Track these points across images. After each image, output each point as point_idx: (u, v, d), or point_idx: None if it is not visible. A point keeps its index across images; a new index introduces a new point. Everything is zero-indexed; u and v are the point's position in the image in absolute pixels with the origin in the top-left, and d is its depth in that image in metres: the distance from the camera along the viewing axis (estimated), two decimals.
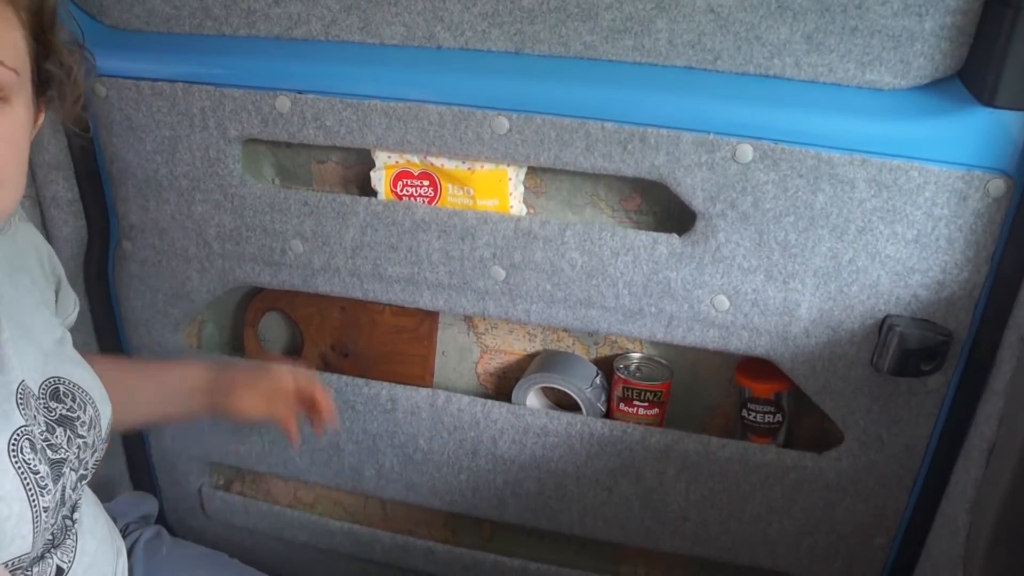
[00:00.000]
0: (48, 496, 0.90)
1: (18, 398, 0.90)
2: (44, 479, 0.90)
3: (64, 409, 0.97)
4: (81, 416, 0.99)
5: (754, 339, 1.23)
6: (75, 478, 0.97)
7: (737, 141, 1.12)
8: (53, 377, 0.98)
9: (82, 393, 1.01)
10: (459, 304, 1.32)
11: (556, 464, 1.39)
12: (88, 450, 0.99)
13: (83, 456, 0.98)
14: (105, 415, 1.04)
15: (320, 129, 1.25)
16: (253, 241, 1.36)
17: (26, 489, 0.87)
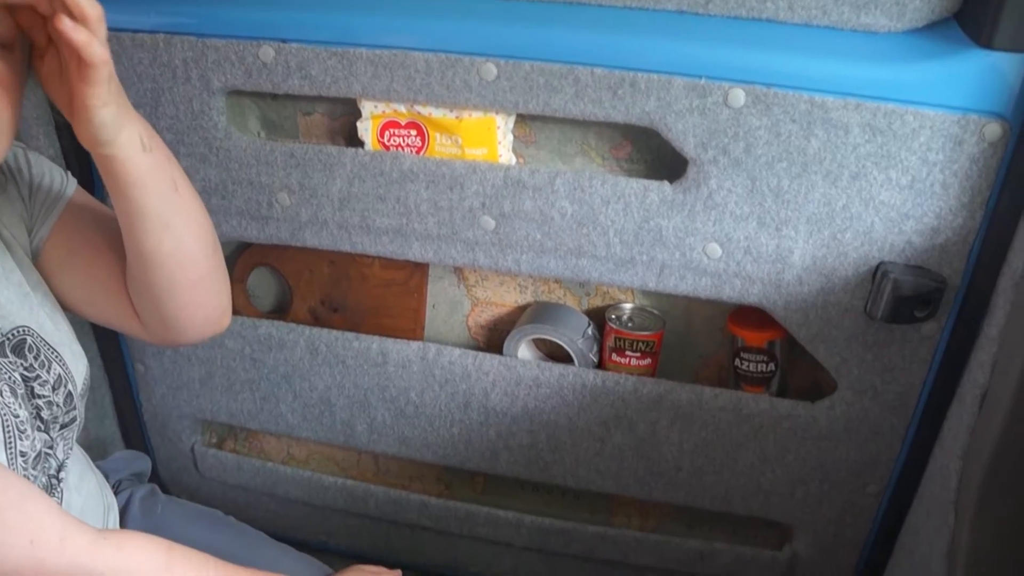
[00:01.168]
0: (27, 442, 0.89)
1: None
2: (24, 424, 0.89)
3: (23, 367, 0.94)
4: (42, 375, 0.96)
5: (746, 287, 1.22)
6: (48, 438, 0.95)
7: (729, 86, 1.10)
8: (20, 328, 0.95)
9: (48, 350, 0.98)
10: (449, 255, 1.30)
11: (548, 416, 1.38)
12: (57, 409, 0.97)
13: (48, 415, 0.96)
14: (79, 369, 1.02)
15: (305, 79, 1.23)
16: (239, 195, 1.34)
17: (4, 430, 0.86)
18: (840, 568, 1.42)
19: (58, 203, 1.04)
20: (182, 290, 1.03)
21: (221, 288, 1.10)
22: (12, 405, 0.88)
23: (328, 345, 1.43)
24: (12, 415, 0.87)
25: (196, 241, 1.02)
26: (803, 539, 1.41)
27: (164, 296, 1.03)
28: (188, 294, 1.04)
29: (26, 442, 0.89)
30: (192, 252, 1.02)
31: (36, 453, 0.91)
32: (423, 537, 1.61)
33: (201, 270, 1.04)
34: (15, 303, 0.95)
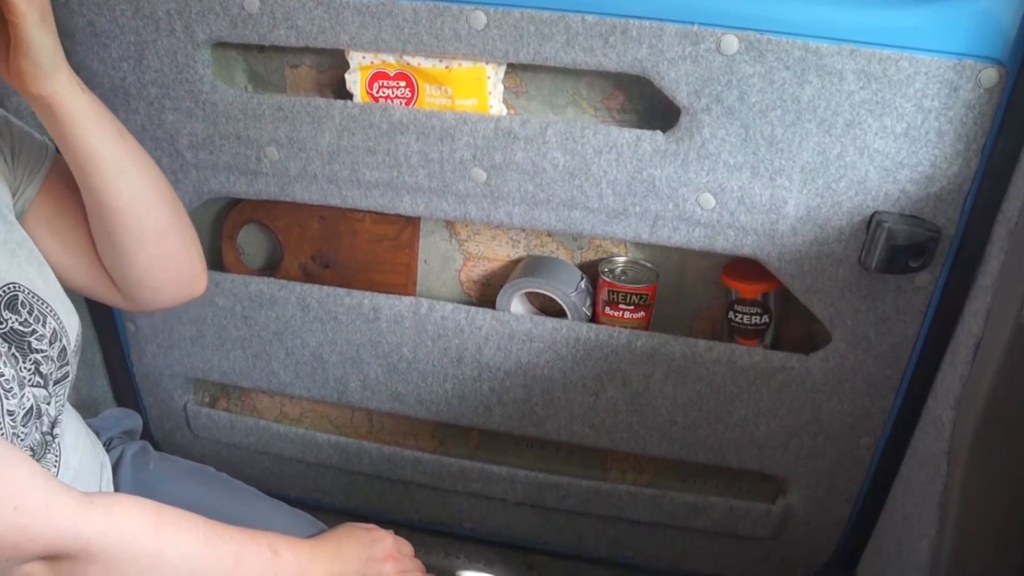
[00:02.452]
0: (14, 400, 0.88)
1: None
2: (9, 382, 0.88)
3: (17, 322, 0.94)
4: (37, 330, 0.95)
5: (740, 238, 1.21)
6: (45, 394, 0.95)
7: (722, 32, 1.08)
8: (9, 284, 0.95)
9: (41, 304, 0.97)
10: (440, 208, 1.29)
11: (542, 370, 1.38)
12: (52, 363, 0.97)
13: (46, 370, 0.96)
14: (71, 327, 1.01)
15: (291, 29, 1.21)
16: (227, 149, 1.32)
17: None
18: (833, 520, 1.42)
19: (42, 166, 1.06)
20: (150, 241, 1.06)
21: (190, 244, 1.13)
22: None
23: (319, 301, 1.42)
24: None
25: (154, 189, 1.06)
26: (796, 492, 1.41)
27: (133, 249, 1.06)
28: (156, 246, 1.08)
29: (13, 401, 0.88)
30: (152, 200, 1.06)
31: (26, 411, 0.90)
32: (417, 493, 1.61)
33: (166, 219, 1.08)
34: (2, 260, 0.94)
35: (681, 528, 1.51)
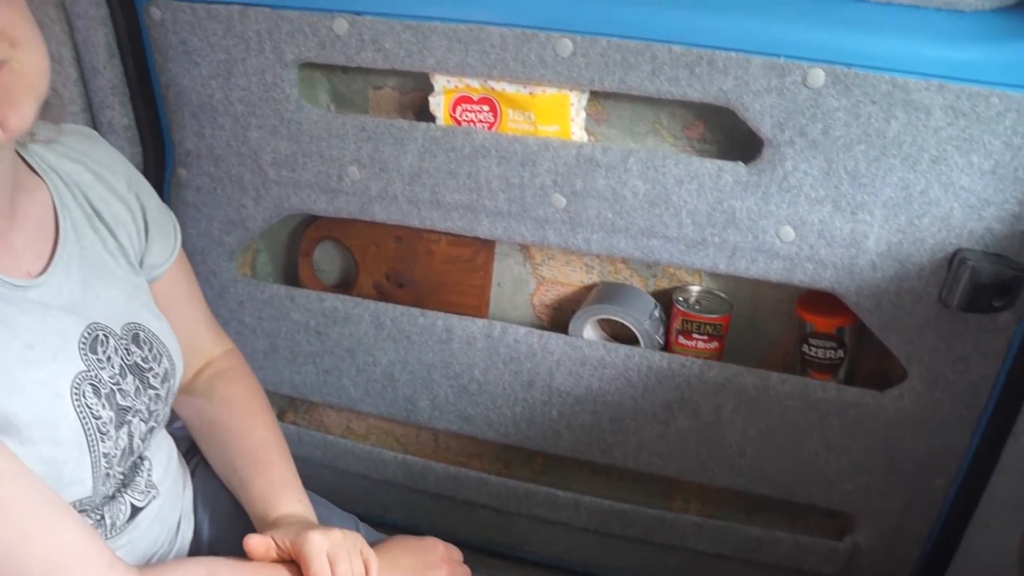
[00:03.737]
0: (109, 442, 0.89)
1: (82, 340, 0.90)
2: (106, 425, 0.89)
3: (139, 357, 0.97)
4: (155, 368, 0.99)
5: (819, 272, 1.20)
6: (144, 429, 0.97)
7: (808, 65, 1.08)
8: (134, 322, 0.98)
9: (159, 344, 1.01)
10: (518, 232, 1.30)
11: (612, 397, 1.38)
12: (160, 403, 1.00)
13: (154, 408, 0.99)
14: (179, 370, 1.05)
15: (378, 52, 1.23)
16: (309, 167, 1.35)
17: (86, 434, 0.87)
18: (902, 561, 1.40)
19: (165, 262, 1.12)
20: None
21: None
22: (95, 406, 0.89)
23: (393, 320, 1.44)
24: (93, 417, 0.88)
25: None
26: (865, 530, 1.39)
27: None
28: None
29: (108, 443, 0.90)
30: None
31: (121, 451, 0.92)
32: (480, 514, 1.61)
33: None
34: (121, 301, 0.99)
35: (744, 561, 1.49)
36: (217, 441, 1.17)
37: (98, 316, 0.94)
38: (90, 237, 0.99)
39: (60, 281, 0.92)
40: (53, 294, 0.90)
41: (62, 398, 0.86)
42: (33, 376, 0.83)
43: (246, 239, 1.47)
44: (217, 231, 1.47)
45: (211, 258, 1.50)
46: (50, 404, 0.84)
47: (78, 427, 0.86)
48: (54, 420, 0.84)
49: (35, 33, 0.81)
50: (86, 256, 0.97)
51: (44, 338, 0.86)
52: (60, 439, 0.84)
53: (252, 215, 1.43)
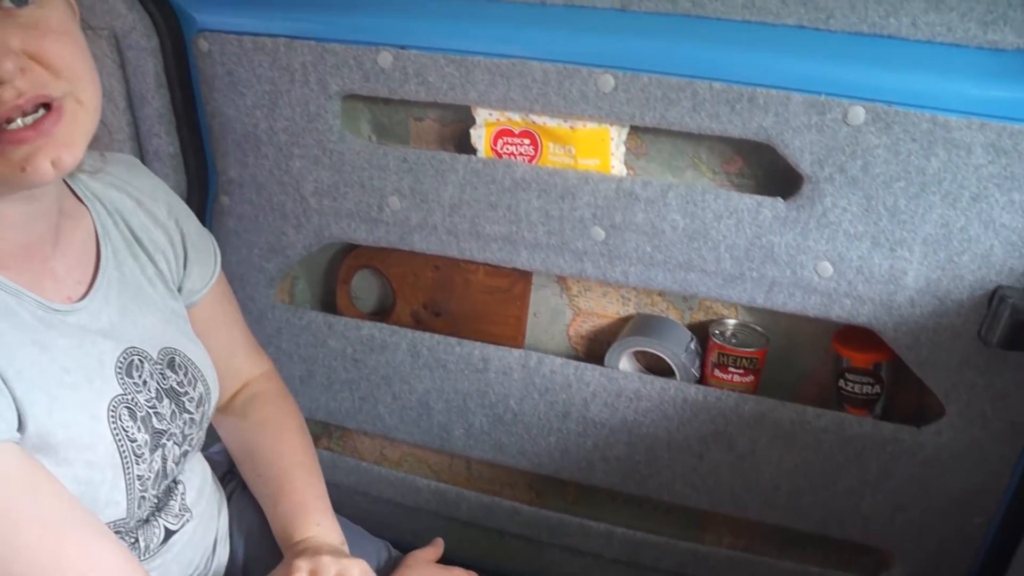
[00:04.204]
0: (144, 465, 0.91)
1: (119, 364, 0.92)
2: (141, 448, 0.91)
3: (175, 381, 0.99)
4: (190, 392, 1.01)
5: (857, 307, 1.20)
6: (178, 452, 0.98)
7: (849, 103, 1.09)
8: (170, 347, 1.00)
9: (195, 368, 1.03)
10: (557, 264, 1.31)
11: (647, 429, 1.38)
12: (195, 427, 1.02)
13: (188, 432, 1.00)
14: (214, 394, 1.07)
15: (422, 85, 1.25)
16: (350, 197, 1.37)
17: (121, 456, 0.88)
18: None
19: (202, 289, 1.14)
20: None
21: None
22: (130, 429, 0.90)
23: (430, 349, 1.45)
24: (129, 440, 0.90)
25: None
26: (901, 567, 1.37)
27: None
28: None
29: (143, 465, 0.91)
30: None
31: (155, 473, 0.94)
32: (512, 544, 1.61)
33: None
34: (158, 327, 1.01)
35: None
36: (250, 463, 1.18)
37: (135, 341, 0.96)
38: (130, 264, 1.01)
39: (99, 306, 0.94)
40: (92, 319, 0.92)
41: (99, 420, 0.87)
42: (71, 398, 0.85)
43: (286, 266, 1.49)
44: (257, 258, 1.49)
45: (250, 284, 1.52)
46: (87, 426, 0.86)
47: (114, 449, 0.88)
48: (90, 441, 0.86)
49: (93, 72, 0.83)
50: (125, 282, 0.99)
51: (82, 362, 0.88)
52: (96, 460, 0.86)
53: (292, 243, 1.45)
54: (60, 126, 0.78)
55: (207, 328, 1.12)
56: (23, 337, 0.83)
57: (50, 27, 0.78)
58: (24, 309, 0.84)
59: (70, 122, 0.79)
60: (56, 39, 0.78)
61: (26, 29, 0.76)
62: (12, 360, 0.80)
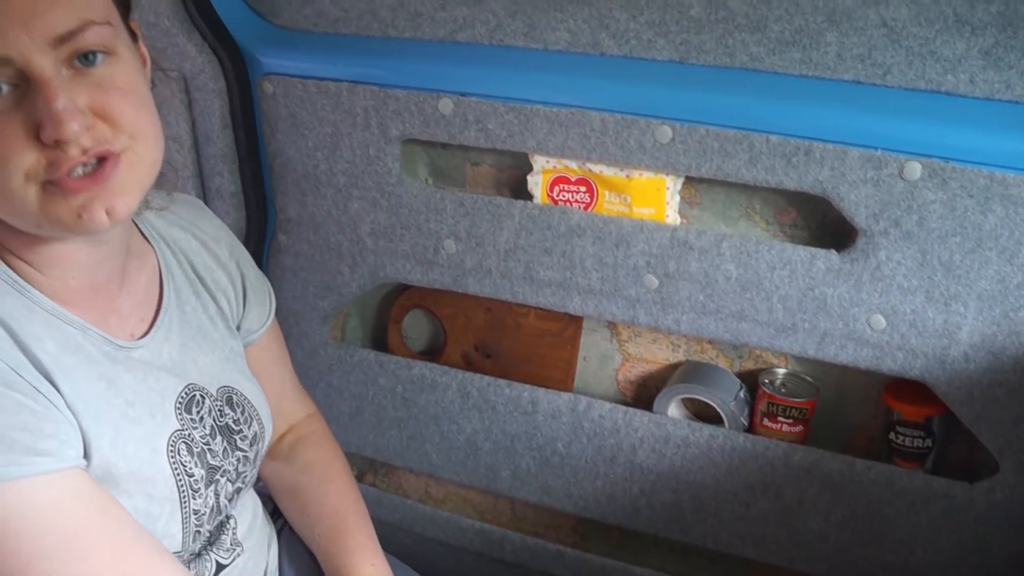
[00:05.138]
0: (200, 500, 0.93)
1: (179, 400, 0.94)
2: (198, 483, 0.93)
3: (231, 419, 1.01)
4: (244, 430, 1.03)
5: (909, 361, 1.20)
6: (231, 489, 1.01)
7: (905, 158, 1.09)
8: (228, 385, 1.03)
9: (251, 407, 1.05)
10: (609, 311, 1.32)
11: (695, 476, 1.38)
12: (248, 464, 1.04)
13: (242, 469, 1.02)
14: (268, 432, 1.09)
15: (481, 132, 1.27)
16: (406, 239, 1.39)
17: (179, 490, 0.91)
18: None
19: (258, 330, 1.17)
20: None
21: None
22: (188, 464, 0.93)
23: (480, 390, 1.47)
24: (187, 475, 0.92)
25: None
26: None
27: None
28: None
29: (199, 500, 0.94)
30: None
31: (210, 508, 0.96)
32: None
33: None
34: (217, 365, 1.04)
35: None
36: (298, 506, 1.19)
37: (195, 378, 0.98)
38: (192, 303, 1.04)
39: (160, 343, 0.96)
40: (154, 355, 0.95)
41: (159, 454, 0.90)
42: (134, 432, 0.88)
43: (339, 304, 1.51)
44: (312, 296, 1.52)
45: (304, 321, 1.55)
46: (148, 459, 0.88)
47: (172, 483, 0.90)
48: (150, 475, 0.88)
49: (155, 125, 0.85)
50: (186, 321, 1.02)
51: (145, 396, 0.91)
52: (155, 493, 0.88)
53: (347, 282, 1.48)
54: (116, 176, 0.80)
55: (259, 369, 1.15)
56: (91, 371, 0.86)
57: (116, 85, 0.80)
58: (91, 344, 0.87)
59: (126, 173, 0.81)
60: (121, 97, 0.80)
61: (94, 88, 0.78)
62: (80, 393, 0.83)
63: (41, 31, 0.74)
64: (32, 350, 0.80)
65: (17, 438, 0.75)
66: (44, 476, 0.76)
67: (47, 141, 0.75)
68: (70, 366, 0.83)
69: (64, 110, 0.75)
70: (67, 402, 0.81)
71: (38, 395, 0.79)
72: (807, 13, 1.09)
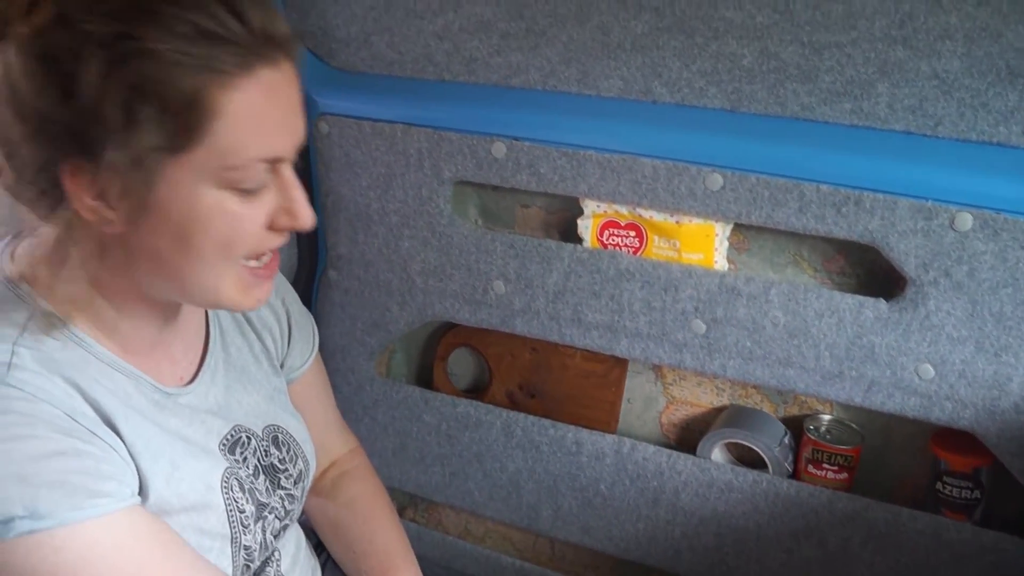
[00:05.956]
0: (249, 535, 0.95)
1: (223, 442, 0.97)
2: (248, 519, 0.95)
3: (277, 458, 1.03)
4: (290, 469, 1.05)
5: (958, 411, 1.19)
6: (278, 526, 1.02)
7: (956, 209, 1.10)
8: (273, 424, 1.05)
9: (296, 445, 1.08)
10: (656, 354, 1.33)
11: (737, 521, 1.38)
12: (294, 502, 1.06)
13: (288, 507, 1.04)
14: (312, 469, 1.11)
15: (533, 175, 1.29)
16: (456, 279, 1.41)
17: (231, 526, 0.93)
18: None
19: (301, 367, 1.20)
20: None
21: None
22: (240, 500, 0.95)
23: (524, 430, 1.47)
24: (239, 511, 0.95)
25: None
26: None
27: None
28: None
29: (249, 536, 0.96)
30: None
31: (259, 543, 0.98)
32: None
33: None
34: (262, 404, 1.06)
35: None
36: (342, 542, 1.21)
37: (241, 419, 1.01)
38: (237, 342, 1.06)
39: (206, 387, 0.99)
40: (200, 399, 0.97)
41: (213, 490, 0.92)
42: (188, 468, 0.90)
43: (386, 341, 1.53)
44: (360, 332, 1.54)
45: (351, 356, 1.57)
46: (202, 495, 0.91)
47: (225, 519, 0.92)
48: (203, 511, 0.91)
49: None
50: (231, 362, 1.04)
51: (194, 438, 0.93)
52: (208, 528, 0.91)
53: (395, 319, 1.50)
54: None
55: (302, 405, 1.17)
56: (145, 416, 0.88)
57: None
58: (141, 393, 0.90)
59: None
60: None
61: None
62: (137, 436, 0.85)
63: (297, 138, 0.83)
64: (92, 396, 0.82)
65: (77, 482, 0.77)
66: (105, 517, 0.79)
67: (281, 228, 0.84)
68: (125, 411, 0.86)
69: (306, 203, 0.84)
70: (125, 443, 0.84)
71: (95, 438, 0.81)
72: (858, 65, 1.10)
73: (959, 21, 1.02)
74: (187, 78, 0.73)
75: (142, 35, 0.71)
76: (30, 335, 0.80)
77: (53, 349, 0.81)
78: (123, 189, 0.76)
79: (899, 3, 1.04)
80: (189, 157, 0.76)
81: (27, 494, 0.73)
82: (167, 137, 0.74)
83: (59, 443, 0.77)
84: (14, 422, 0.75)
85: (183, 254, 0.80)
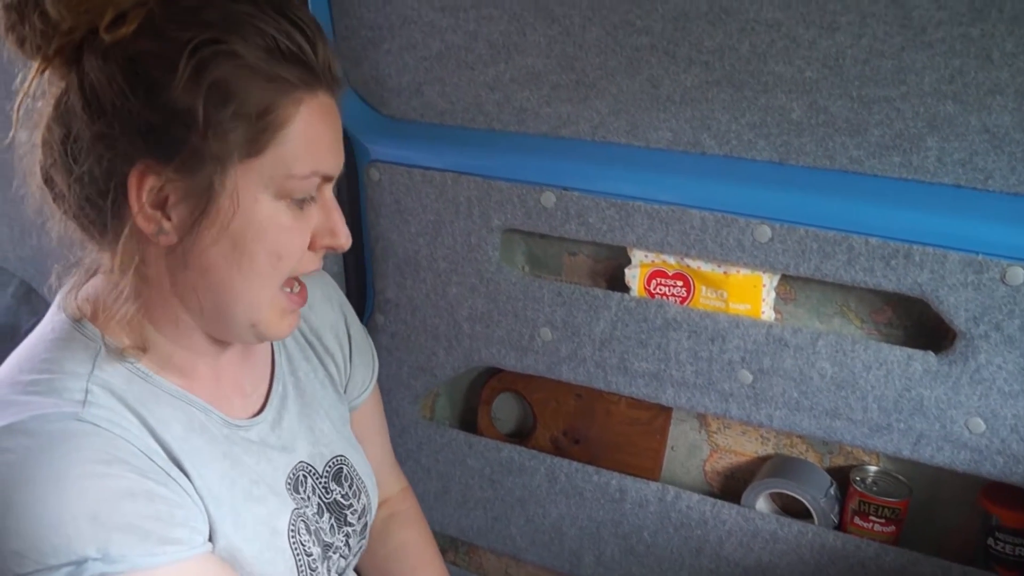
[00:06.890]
0: None
1: (288, 479, 0.97)
2: (315, 562, 0.96)
3: (340, 494, 1.04)
4: (354, 504, 1.05)
5: (1010, 466, 1.18)
6: (343, 564, 1.03)
7: (1007, 263, 1.10)
8: (338, 456, 1.05)
9: (359, 480, 1.08)
10: (702, 403, 1.33)
11: (782, 572, 1.37)
12: (357, 537, 1.06)
13: (352, 544, 1.05)
14: (375, 504, 1.11)
15: (582, 225, 1.31)
16: (503, 325, 1.42)
17: (298, 570, 0.93)
18: None
19: (361, 394, 1.21)
20: None
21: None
22: (307, 543, 0.96)
23: (568, 476, 1.48)
24: (305, 554, 0.95)
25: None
26: None
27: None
28: None
29: None
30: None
31: None
32: None
33: None
34: (332, 433, 1.07)
35: None
36: None
37: (304, 455, 1.01)
38: (304, 368, 1.07)
39: (274, 419, 1.00)
40: (268, 432, 0.98)
41: (280, 535, 0.92)
42: (255, 512, 0.90)
43: (432, 385, 1.55)
44: (406, 375, 1.56)
45: (396, 399, 1.58)
46: (268, 541, 0.91)
47: (292, 563, 0.93)
48: (271, 556, 0.91)
49: None
50: (299, 388, 1.05)
51: (264, 477, 0.94)
52: (274, 574, 0.91)
53: (442, 364, 1.51)
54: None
55: (362, 435, 1.17)
56: (215, 451, 0.89)
57: None
58: (213, 425, 0.91)
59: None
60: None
61: None
62: (206, 476, 0.86)
63: (341, 163, 0.88)
64: (162, 435, 0.84)
65: (150, 528, 0.78)
66: (176, 564, 0.79)
67: (321, 247, 0.88)
68: (196, 448, 0.87)
69: (345, 224, 0.89)
70: (195, 486, 0.85)
71: (170, 480, 0.82)
72: (908, 118, 1.10)
73: (1010, 76, 1.03)
74: (265, 87, 0.78)
75: (229, 41, 0.76)
76: (100, 372, 0.82)
77: (122, 385, 0.83)
78: (186, 193, 0.79)
79: (949, 59, 1.04)
80: (256, 163, 0.80)
81: (100, 536, 0.74)
82: (242, 140, 0.78)
83: (133, 483, 0.78)
84: (89, 458, 0.76)
85: (235, 264, 0.82)
